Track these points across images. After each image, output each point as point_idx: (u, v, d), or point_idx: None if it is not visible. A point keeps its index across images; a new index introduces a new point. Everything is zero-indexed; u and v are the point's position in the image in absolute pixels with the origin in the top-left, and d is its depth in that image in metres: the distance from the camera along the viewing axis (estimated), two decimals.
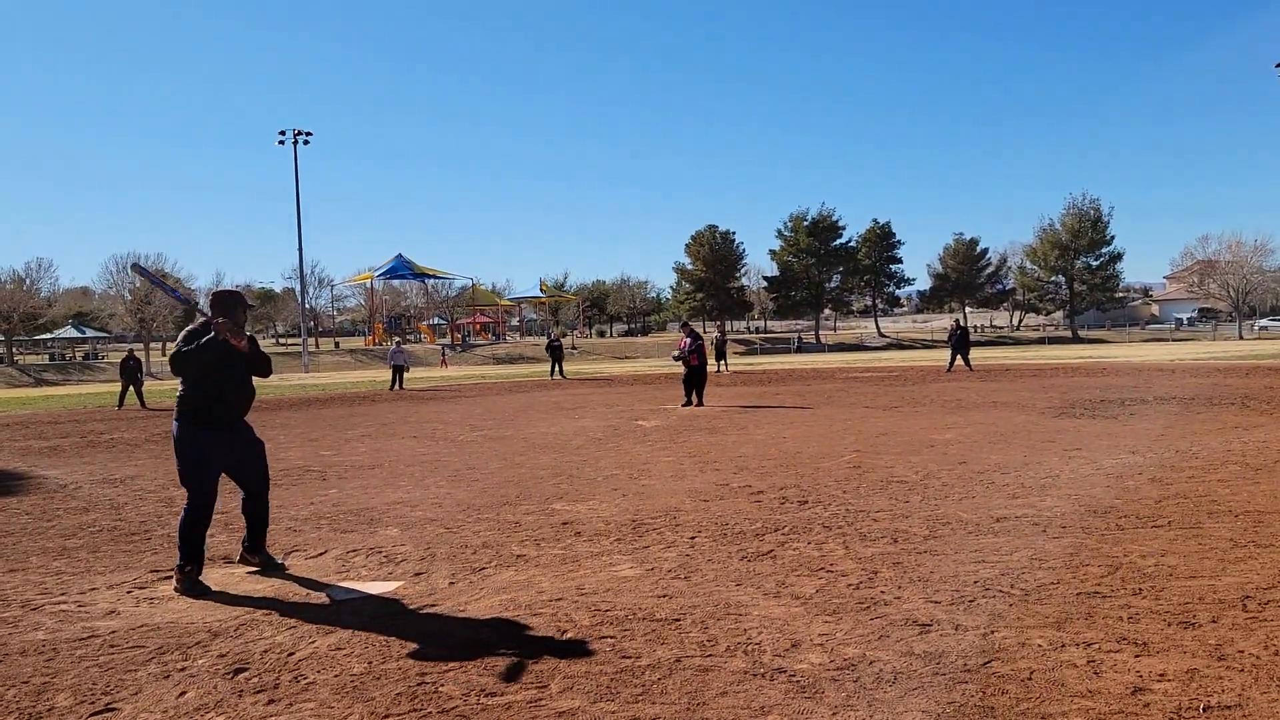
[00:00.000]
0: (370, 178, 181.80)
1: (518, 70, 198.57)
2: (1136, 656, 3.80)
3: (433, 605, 4.98)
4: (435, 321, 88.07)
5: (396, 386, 28.30)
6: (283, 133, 55.56)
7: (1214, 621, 4.19)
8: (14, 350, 69.46)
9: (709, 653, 4.05)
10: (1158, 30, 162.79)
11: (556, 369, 33.41)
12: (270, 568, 5.92)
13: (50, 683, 3.97)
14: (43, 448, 14.49)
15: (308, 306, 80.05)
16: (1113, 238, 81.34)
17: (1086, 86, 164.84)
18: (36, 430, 18.09)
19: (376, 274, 77.22)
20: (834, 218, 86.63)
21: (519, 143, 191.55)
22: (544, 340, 48.86)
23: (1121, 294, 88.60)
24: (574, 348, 66.98)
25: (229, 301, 5.72)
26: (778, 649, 4.07)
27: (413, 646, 4.29)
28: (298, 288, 76.38)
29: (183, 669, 4.10)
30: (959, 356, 28.58)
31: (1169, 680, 3.54)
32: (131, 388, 23.87)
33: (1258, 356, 32.16)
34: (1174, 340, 63.91)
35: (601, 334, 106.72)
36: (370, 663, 4.09)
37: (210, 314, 5.51)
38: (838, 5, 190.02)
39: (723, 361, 34.93)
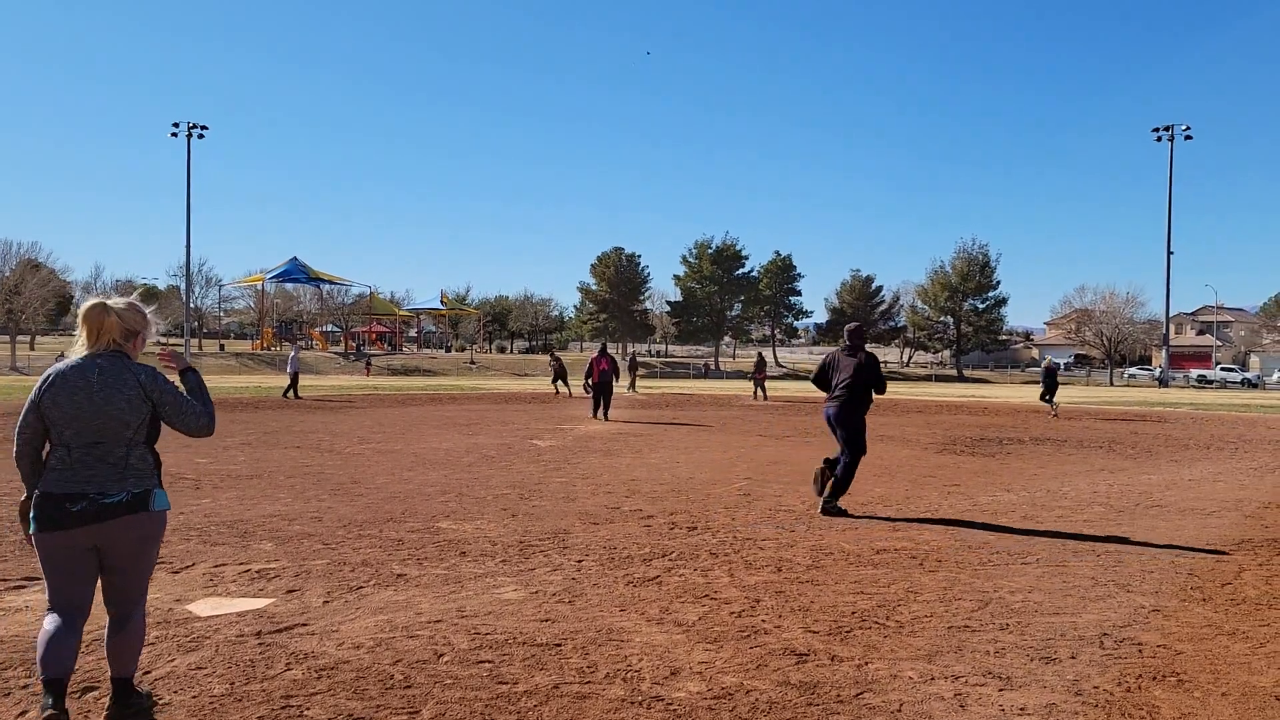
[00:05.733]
0: (268, 179, 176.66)
1: (426, 81, 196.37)
2: (1000, 691, 3.92)
3: (304, 624, 4.80)
4: (329, 329, 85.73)
5: (291, 394, 27.37)
6: (176, 125, 53.50)
7: (1073, 658, 4.37)
8: None
9: (588, 679, 4.01)
10: (1052, 88, 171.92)
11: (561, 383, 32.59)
12: None
13: None
14: None
15: (193, 306, 76.97)
16: (999, 282, 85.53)
17: (982, 135, 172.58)
18: None
19: (269, 276, 74.76)
20: (738, 247, 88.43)
21: (425, 153, 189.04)
22: (440, 353, 47.99)
23: (1005, 337, 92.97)
24: (472, 362, 66.11)
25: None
26: (657, 677, 4.05)
27: (280, 668, 4.11)
28: (183, 286, 73.45)
29: (25, 686, 3.83)
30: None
31: (1029, 715, 3.67)
32: None
33: (1125, 403, 34.01)
34: None
35: (502, 350, 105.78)
36: (233, 684, 3.90)
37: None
38: (752, 41, 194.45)
39: (631, 383, 35.15)
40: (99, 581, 3.52)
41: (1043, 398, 25.75)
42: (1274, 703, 3.83)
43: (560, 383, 32.22)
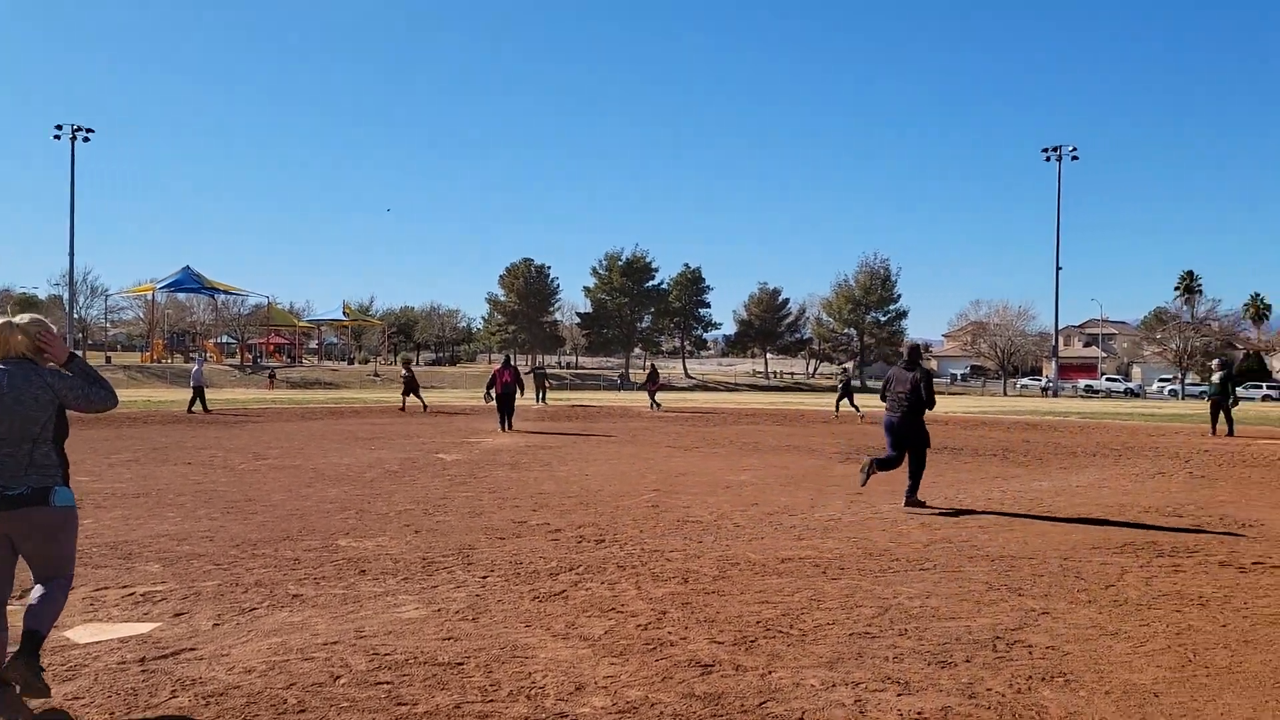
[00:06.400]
0: (160, 186, 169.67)
1: (329, 91, 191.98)
2: (899, 695, 4.00)
3: (192, 649, 4.58)
4: (223, 339, 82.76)
5: (197, 408, 26.29)
6: (59, 128, 51.04)
7: (968, 661, 4.49)
8: None
9: (490, 698, 3.93)
10: (945, 105, 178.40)
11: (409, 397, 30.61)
12: None
13: None
14: None
15: (77, 316, 73.42)
16: (899, 295, 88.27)
17: (885, 149, 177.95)
18: None
19: (160, 286, 71.79)
20: (648, 259, 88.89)
21: (330, 162, 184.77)
22: (342, 365, 46.68)
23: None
24: (376, 374, 64.71)
25: None
26: (561, 693, 4.00)
27: (165, 695, 3.92)
28: (66, 295, 70.00)
29: None
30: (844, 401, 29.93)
31: (926, 718, 3.75)
32: None
33: (1017, 412, 35.37)
34: (949, 394, 69.30)
35: (407, 362, 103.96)
36: (112, 714, 3.70)
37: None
38: (661, 53, 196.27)
39: (541, 396, 34.89)
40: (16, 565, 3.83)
41: (848, 404, 28.52)
42: (1153, 699, 4.00)
43: (412, 395, 29.18)
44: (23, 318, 3.88)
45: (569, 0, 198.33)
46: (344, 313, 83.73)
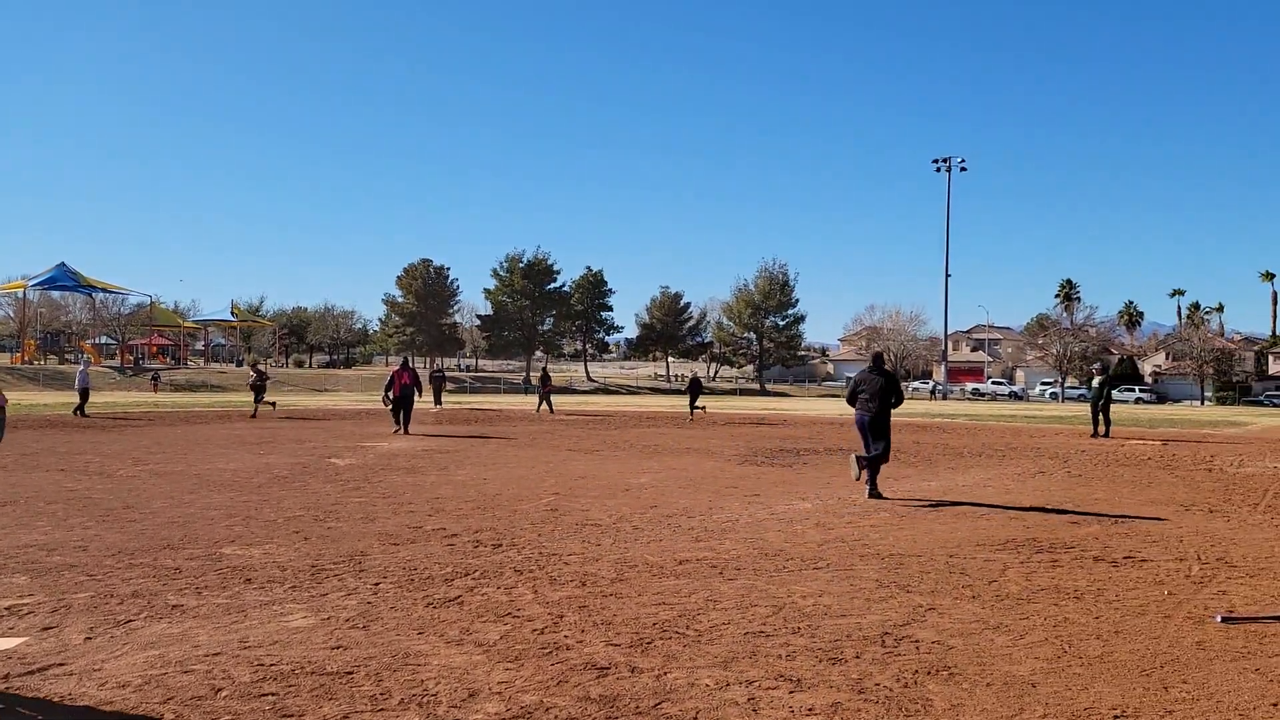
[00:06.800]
0: (37, 179, 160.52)
1: (225, 89, 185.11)
2: (791, 693, 4.07)
3: (61, 664, 4.33)
4: (102, 340, 78.81)
5: (80, 413, 24.94)
6: None
7: (858, 657, 4.60)
8: None
9: (380, 707, 3.83)
10: (844, 114, 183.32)
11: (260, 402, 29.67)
12: None
13: None
14: None
15: None
16: (798, 300, 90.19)
17: (787, 153, 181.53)
18: None
19: (31, 283, 67.96)
20: (549, 261, 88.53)
21: (221, 154, 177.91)
22: (230, 367, 44.75)
23: (803, 352, 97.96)
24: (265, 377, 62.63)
25: None
26: (454, 700, 3.93)
27: (27, 715, 3.68)
28: None
29: None
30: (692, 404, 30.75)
31: (816, 714, 3.82)
32: None
33: (909, 415, 36.55)
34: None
35: (300, 364, 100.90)
36: None
37: None
38: (564, 56, 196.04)
39: (438, 399, 34.25)
40: None
41: (691, 407, 30.86)
42: (1030, 689, 4.17)
43: (256, 400, 27.47)
44: None
45: (464, 6, 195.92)
46: (232, 313, 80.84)
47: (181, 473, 12.42)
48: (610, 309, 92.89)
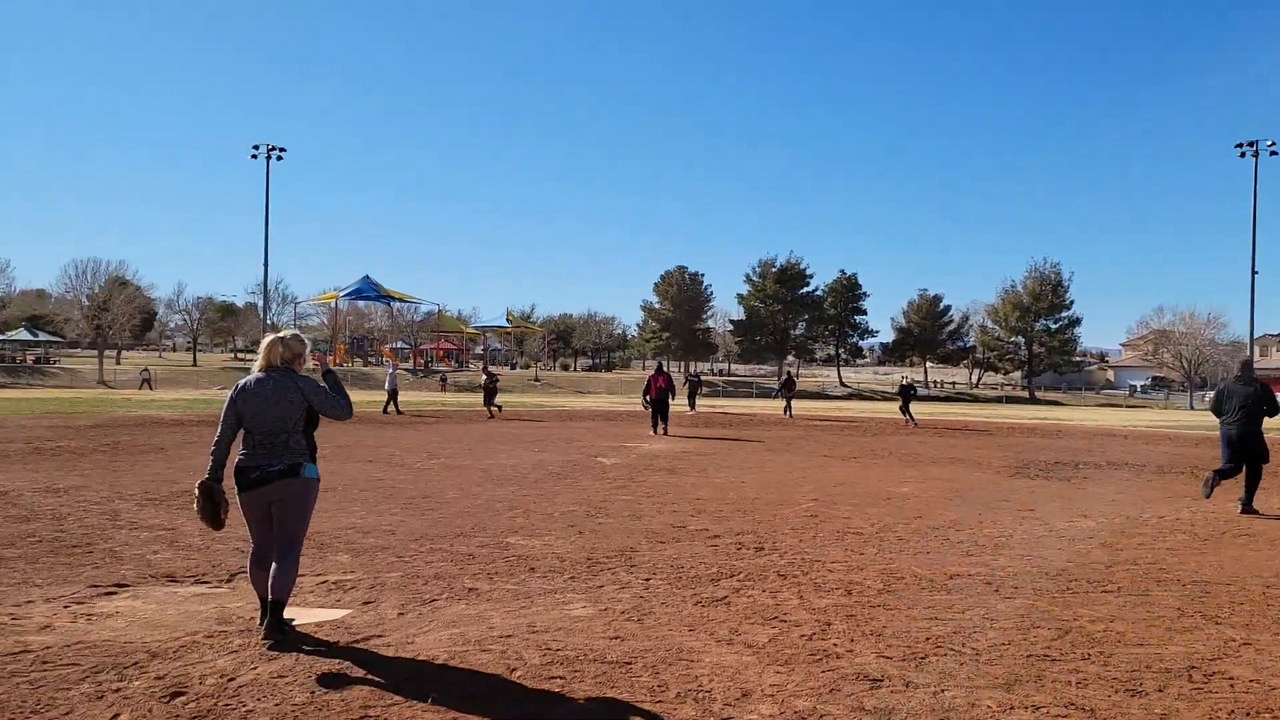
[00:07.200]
0: (342, 199, 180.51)
1: (496, 103, 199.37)
2: None
3: (380, 635, 4.89)
4: (399, 345, 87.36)
5: (392, 409, 28.22)
6: (256, 147, 55.08)
7: (1160, 691, 4.23)
8: None
9: (659, 699, 4.01)
10: (1119, 101, 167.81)
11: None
12: None
13: None
14: None
15: (269, 322, 79.12)
16: (1072, 302, 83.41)
17: (1050, 152, 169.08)
18: None
19: (342, 294, 76.54)
20: (802, 266, 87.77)
21: (496, 173, 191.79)
22: (506, 370, 48.06)
23: (1078, 358, 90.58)
24: (537, 379, 66.70)
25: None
26: (728, 698, 4.03)
27: (359, 676, 4.20)
28: (260, 303, 75.53)
29: (118, 690, 3.97)
30: (905, 411, 29.35)
31: None
32: None
33: (1207, 427, 32.82)
34: (1127, 406, 65.10)
35: (565, 367, 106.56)
36: (313, 692, 3.99)
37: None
38: (813, 61, 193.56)
39: (693, 403, 35.19)
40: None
41: (903, 410, 29.03)
42: None
43: (487, 402, 28.56)
44: (286, 333, 5.04)
45: (762, 5, 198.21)
46: (507, 320, 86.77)
47: (468, 467, 13.56)
48: (864, 313, 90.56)
